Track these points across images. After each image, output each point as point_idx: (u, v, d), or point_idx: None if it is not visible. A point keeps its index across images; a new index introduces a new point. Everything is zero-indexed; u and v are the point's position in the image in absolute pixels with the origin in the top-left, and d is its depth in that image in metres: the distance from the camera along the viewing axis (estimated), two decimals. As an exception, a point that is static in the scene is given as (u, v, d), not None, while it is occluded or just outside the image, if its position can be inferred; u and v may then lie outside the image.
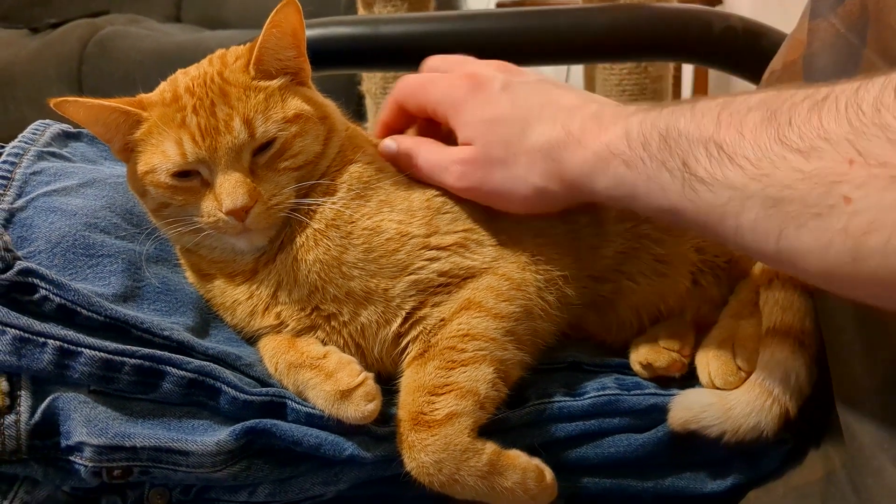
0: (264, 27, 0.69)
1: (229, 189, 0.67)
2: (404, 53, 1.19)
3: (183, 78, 0.72)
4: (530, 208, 0.74)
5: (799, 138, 0.50)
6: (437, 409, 0.66)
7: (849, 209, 0.48)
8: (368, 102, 2.03)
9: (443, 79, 0.78)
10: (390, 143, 0.80)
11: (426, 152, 0.77)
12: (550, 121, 0.70)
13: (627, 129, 0.63)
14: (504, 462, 0.67)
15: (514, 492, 0.66)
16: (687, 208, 0.58)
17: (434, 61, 0.83)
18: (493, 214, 0.76)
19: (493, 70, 0.77)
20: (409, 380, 0.70)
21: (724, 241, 0.59)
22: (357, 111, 1.95)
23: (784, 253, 0.52)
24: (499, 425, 0.71)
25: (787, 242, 0.52)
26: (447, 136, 0.78)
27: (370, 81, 2.01)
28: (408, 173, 0.77)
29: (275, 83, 0.71)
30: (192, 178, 0.69)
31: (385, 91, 1.95)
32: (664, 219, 0.64)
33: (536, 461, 0.68)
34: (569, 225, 0.78)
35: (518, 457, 0.68)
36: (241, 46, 0.74)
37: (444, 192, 0.76)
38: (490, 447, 0.67)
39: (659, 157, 0.60)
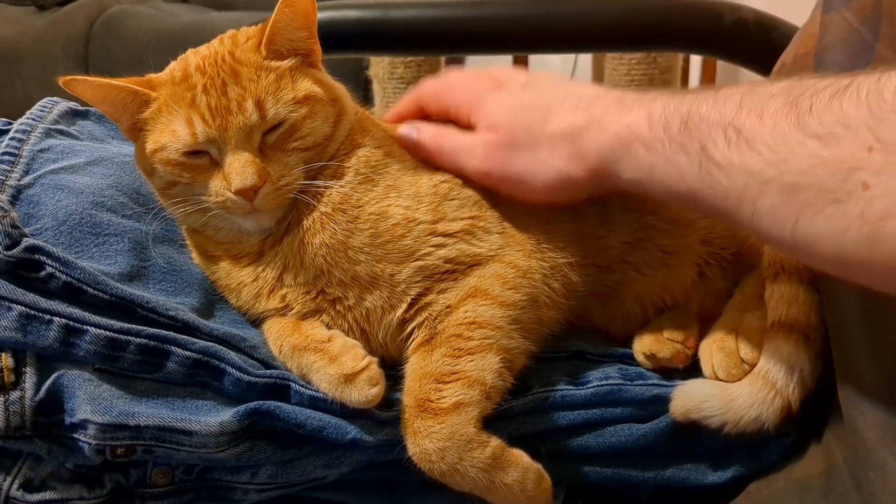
0: (277, 6, 0.69)
1: (239, 168, 0.67)
2: (413, 38, 1.19)
3: (193, 57, 0.72)
4: (552, 195, 0.74)
5: (818, 124, 0.50)
6: (444, 397, 0.67)
7: (867, 195, 0.48)
8: (376, 87, 2.02)
9: (466, 79, 0.80)
10: (410, 129, 0.80)
11: (451, 136, 0.77)
12: (572, 108, 0.71)
13: (650, 112, 0.64)
14: (507, 458, 0.67)
15: (512, 489, 0.67)
16: (703, 193, 0.59)
17: (451, 75, 0.84)
18: (499, 202, 0.76)
19: (515, 72, 0.78)
20: (416, 366, 0.70)
21: (739, 226, 0.59)
22: (365, 96, 1.95)
23: (800, 239, 0.53)
24: (502, 412, 0.71)
25: (803, 228, 0.52)
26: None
27: (378, 66, 2.00)
28: (428, 158, 0.77)
29: (286, 64, 0.71)
30: (202, 156, 0.69)
31: (392, 76, 1.95)
32: (681, 204, 0.65)
33: (538, 465, 0.69)
34: (575, 214, 0.78)
35: (521, 456, 0.68)
36: (252, 27, 0.74)
37: (452, 178, 0.76)
38: (495, 441, 0.67)
39: (678, 140, 0.60)
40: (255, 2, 3.07)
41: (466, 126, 0.78)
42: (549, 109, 0.72)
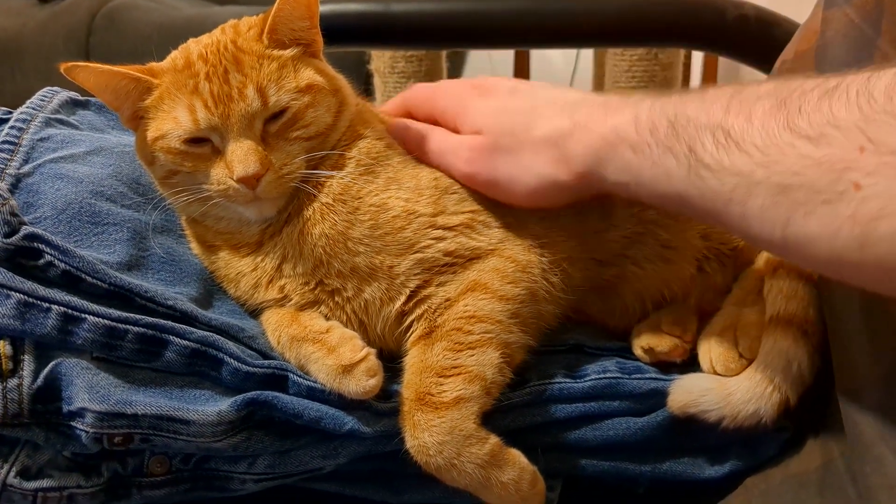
0: None
1: (241, 156, 0.67)
2: (415, 32, 1.19)
3: (195, 46, 0.72)
4: (535, 200, 0.74)
5: (808, 125, 0.50)
6: (444, 391, 0.67)
7: (858, 196, 0.47)
8: (377, 81, 2.02)
9: (453, 86, 0.80)
10: (402, 122, 0.80)
11: (438, 135, 0.77)
12: (557, 112, 0.71)
13: (636, 114, 0.63)
14: (505, 456, 0.67)
15: (507, 488, 0.67)
16: (692, 195, 0.58)
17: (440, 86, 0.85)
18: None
19: (501, 79, 0.79)
20: (416, 359, 0.70)
21: (729, 228, 0.59)
22: (366, 90, 1.95)
23: (791, 240, 0.52)
24: (499, 405, 0.71)
25: (794, 229, 0.52)
26: None
27: (379, 60, 2.00)
28: (417, 157, 0.78)
29: (288, 53, 0.71)
30: (203, 144, 0.69)
31: (394, 70, 1.95)
32: (669, 206, 0.64)
33: (534, 467, 0.69)
34: (574, 208, 0.78)
35: (519, 456, 0.68)
36: (254, 17, 0.74)
37: None
38: (494, 439, 0.67)
39: (666, 142, 0.60)
40: (256, -4, 3.07)
41: (453, 129, 0.78)
42: (534, 114, 0.72)
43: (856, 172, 0.48)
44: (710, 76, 2.47)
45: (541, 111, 0.72)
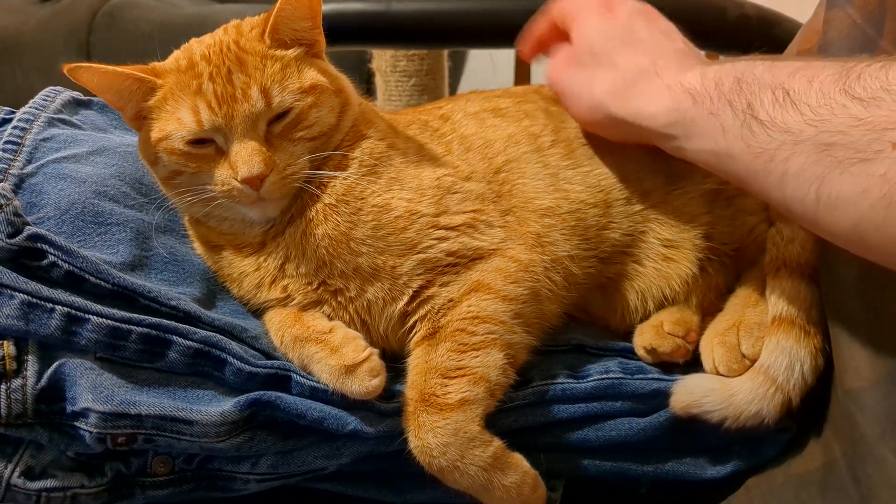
0: None
1: (245, 157, 0.67)
2: (416, 31, 1.19)
3: (198, 46, 0.72)
4: (588, 122, 0.80)
5: (863, 89, 0.52)
6: (449, 393, 0.67)
7: (893, 154, 0.49)
8: (378, 80, 2.02)
9: None
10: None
11: (558, 44, 0.83)
12: (644, 51, 0.74)
13: (704, 71, 0.66)
14: (508, 460, 0.67)
15: (509, 491, 0.67)
16: (738, 151, 0.60)
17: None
18: (501, 192, 0.76)
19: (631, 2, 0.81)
20: (420, 360, 0.70)
21: (766, 190, 0.60)
22: (367, 89, 1.95)
23: (822, 201, 0.54)
24: (502, 406, 0.71)
25: (826, 188, 0.53)
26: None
27: (381, 59, 2.00)
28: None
29: (291, 53, 0.71)
30: (207, 145, 0.69)
31: (395, 69, 1.94)
32: (711, 164, 0.66)
33: (535, 471, 0.69)
34: (575, 205, 0.78)
35: (521, 460, 0.69)
36: (256, 17, 0.73)
37: (454, 172, 0.76)
38: (497, 442, 0.67)
39: (728, 95, 0.62)
40: (257, -6, 3.06)
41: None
42: (624, 45, 0.75)
43: (895, 132, 0.49)
44: (710, 75, 2.47)
45: (632, 43, 0.75)
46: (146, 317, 0.67)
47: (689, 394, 0.70)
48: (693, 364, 0.75)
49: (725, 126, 0.62)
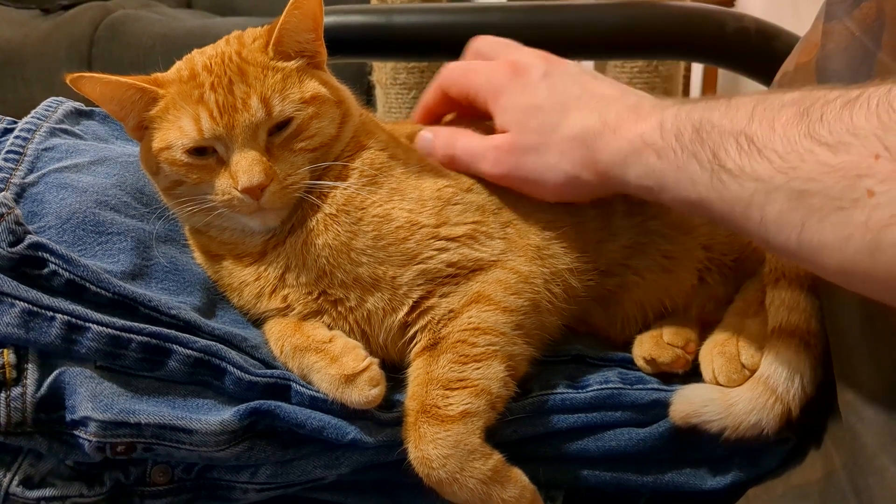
0: (286, 8, 0.69)
1: (246, 167, 0.68)
2: (416, 44, 1.20)
3: (199, 57, 0.72)
4: (561, 196, 0.75)
5: (828, 133, 0.51)
6: (451, 405, 0.67)
7: (871, 202, 0.48)
8: (379, 93, 2.03)
9: (485, 66, 0.80)
10: (427, 134, 0.81)
11: (464, 141, 0.78)
12: (588, 110, 0.71)
13: (662, 121, 0.65)
14: (507, 474, 0.67)
15: None
16: (713, 200, 0.59)
17: (478, 43, 0.84)
18: (502, 204, 0.77)
19: (535, 58, 0.78)
20: (421, 371, 0.70)
21: (747, 234, 0.59)
22: (367, 101, 1.95)
23: (805, 246, 0.53)
24: (502, 419, 0.71)
25: (808, 235, 0.52)
26: (487, 127, 0.79)
27: (381, 72, 2.01)
28: (446, 165, 0.78)
29: (292, 64, 0.72)
30: (208, 156, 0.70)
31: (395, 82, 1.95)
32: (690, 211, 0.65)
33: (534, 486, 0.69)
34: (576, 218, 0.78)
35: (521, 474, 0.68)
36: (258, 28, 0.74)
37: (455, 183, 0.77)
38: (497, 456, 0.67)
39: (690, 148, 0.61)
40: (257, 8, 3.08)
41: (484, 112, 0.79)
42: (564, 110, 0.73)
43: (870, 179, 0.48)
44: (709, 88, 2.48)
45: (571, 107, 0.73)
46: (146, 325, 0.67)
47: (688, 403, 0.70)
48: (692, 374, 0.75)
49: (695, 179, 0.61)
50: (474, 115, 0.81)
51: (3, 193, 0.73)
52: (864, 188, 0.49)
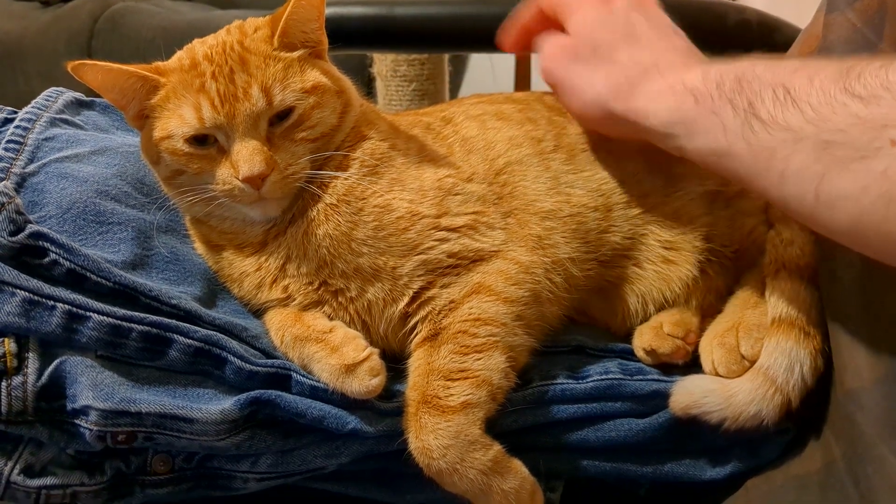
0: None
1: (246, 156, 0.68)
2: (417, 35, 1.20)
3: (201, 46, 0.72)
4: (583, 113, 0.78)
5: (863, 87, 0.52)
6: (452, 395, 0.67)
7: (893, 151, 0.49)
8: (379, 84, 2.02)
9: None
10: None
11: (547, 33, 0.82)
12: (648, 50, 0.73)
13: (705, 70, 0.66)
14: (507, 464, 0.68)
15: (507, 496, 0.67)
16: (739, 149, 0.61)
17: None
18: (502, 195, 0.77)
19: None
20: (422, 361, 0.70)
21: (765, 189, 0.60)
22: (368, 93, 1.95)
23: (822, 199, 0.54)
24: (503, 410, 0.71)
25: (827, 186, 0.54)
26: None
27: (381, 63, 2.00)
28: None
29: (294, 54, 0.72)
30: (209, 145, 0.70)
31: (396, 73, 1.95)
32: (713, 164, 0.66)
33: (534, 478, 0.69)
34: (576, 209, 0.78)
35: (521, 465, 0.69)
36: (260, 18, 0.74)
37: (456, 173, 0.77)
38: (497, 447, 0.67)
39: (728, 94, 0.62)
40: (257, 0, 3.08)
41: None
42: (625, 39, 0.75)
43: (894, 129, 0.49)
44: (710, 82, 2.47)
45: (633, 39, 0.75)
46: (147, 315, 0.67)
47: (688, 394, 0.70)
48: (692, 365, 0.75)
49: (727, 125, 0.62)
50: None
51: (3, 183, 0.73)
52: (887, 138, 0.50)
